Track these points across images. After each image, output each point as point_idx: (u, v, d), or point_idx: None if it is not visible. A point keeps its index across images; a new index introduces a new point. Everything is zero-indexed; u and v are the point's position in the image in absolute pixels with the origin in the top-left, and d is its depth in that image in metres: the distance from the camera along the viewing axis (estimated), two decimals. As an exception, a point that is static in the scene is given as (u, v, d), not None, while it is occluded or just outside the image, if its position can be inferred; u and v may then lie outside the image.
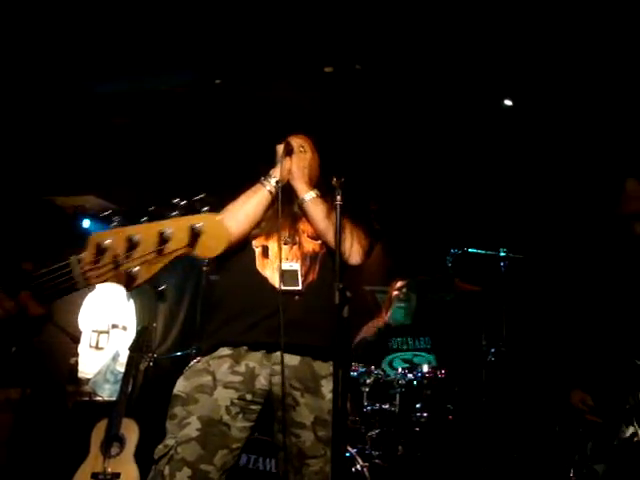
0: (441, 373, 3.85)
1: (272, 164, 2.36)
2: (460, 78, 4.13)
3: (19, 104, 4.42)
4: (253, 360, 2.07)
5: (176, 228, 1.33)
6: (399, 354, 4.35)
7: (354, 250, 2.24)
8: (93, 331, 5.27)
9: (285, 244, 2.23)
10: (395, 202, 5.57)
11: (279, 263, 2.15)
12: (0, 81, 4.10)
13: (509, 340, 3.73)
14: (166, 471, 1.95)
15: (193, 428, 1.97)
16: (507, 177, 4.85)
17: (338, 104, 2.42)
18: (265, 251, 2.20)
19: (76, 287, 1.32)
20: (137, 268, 1.31)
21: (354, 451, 3.54)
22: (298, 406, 2.03)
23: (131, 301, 5.41)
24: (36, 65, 4.13)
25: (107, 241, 1.31)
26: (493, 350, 3.82)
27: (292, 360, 2.09)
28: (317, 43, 3.58)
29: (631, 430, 2.23)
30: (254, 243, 2.24)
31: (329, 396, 2.04)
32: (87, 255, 1.32)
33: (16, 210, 4.81)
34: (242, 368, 2.05)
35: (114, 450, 3.68)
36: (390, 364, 4.30)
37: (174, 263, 1.37)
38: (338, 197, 2.20)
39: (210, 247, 1.34)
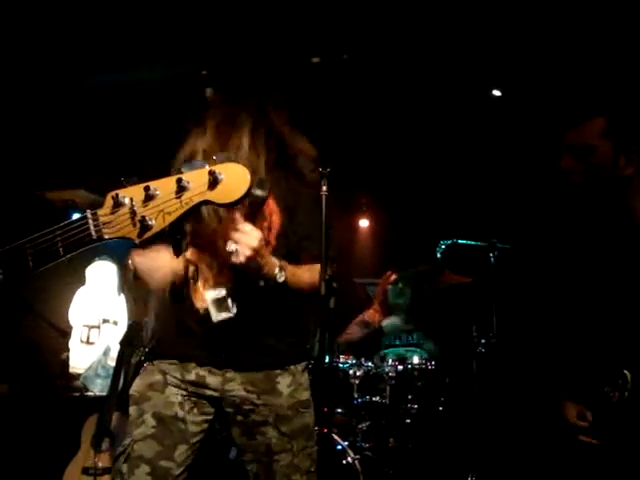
0: (431, 365, 3.85)
1: None
2: (449, 68, 4.13)
3: (7, 99, 4.39)
4: (203, 370, 2.03)
5: (195, 177, 1.31)
6: (391, 349, 4.35)
7: None
8: (84, 326, 5.23)
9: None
10: (384, 193, 5.58)
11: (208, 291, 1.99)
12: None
13: (499, 331, 3.73)
14: (124, 469, 1.95)
15: (148, 425, 1.96)
16: (496, 168, 4.85)
17: (325, 94, 2.39)
18: (195, 274, 2.02)
19: (90, 240, 1.32)
20: (153, 218, 1.28)
21: (345, 444, 3.54)
22: (257, 407, 2.01)
23: (122, 295, 5.38)
24: (24, 59, 4.10)
25: (124, 194, 1.30)
26: (484, 341, 3.82)
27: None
28: (304, 34, 3.57)
29: None
30: (188, 256, 2.03)
31: (287, 392, 2.02)
32: (103, 209, 1.31)
33: (6, 204, 4.78)
34: (192, 376, 2.02)
35: (105, 445, 3.66)
36: (382, 359, 4.30)
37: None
38: (324, 187, 2.17)
39: (228, 193, 1.30)
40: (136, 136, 4.80)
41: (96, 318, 5.30)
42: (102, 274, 5.33)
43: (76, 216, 4.55)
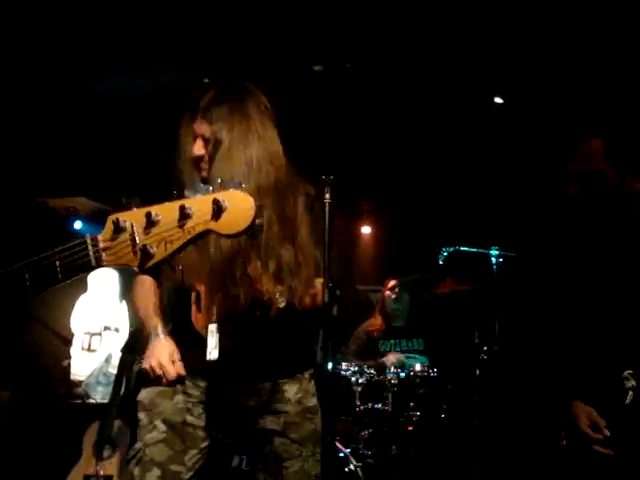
0: (433, 372, 3.85)
1: None
2: (451, 76, 4.14)
3: (11, 106, 4.40)
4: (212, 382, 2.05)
5: (199, 204, 1.26)
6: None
7: None
8: (85, 333, 5.25)
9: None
10: (387, 201, 5.59)
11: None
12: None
13: (502, 338, 3.73)
14: (136, 472, 1.97)
15: (159, 430, 1.98)
16: (499, 175, 4.85)
17: (328, 103, 2.40)
18: (198, 300, 1.99)
19: (89, 267, 1.28)
20: (154, 246, 1.25)
21: (347, 451, 3.54)
22: (266, 415, 2.01)
23: (123, 303, 5.39)
24: (28, 67, 4.11)
25: (125, 219, 1.27)
26: (486, 348, 3.82)
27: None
28: (306, 42, 3.58)
29: None
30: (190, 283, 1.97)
31: (294, 399, 2.04)
32: (103, 234, 1.27)
33: (8, 211, 4.79)
34: (201, 385, 2.03)
35: (106, 452, 3.66)
36: (383, 364, 4.29)
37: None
38: (327, 195, 2.18)
39: (232, 223, 1.25)
40: (138, 144, 4.82)
41: (98, 325, 5.32)
42: (104, 281, 5.35)
43: (78, 224, 4.52)
